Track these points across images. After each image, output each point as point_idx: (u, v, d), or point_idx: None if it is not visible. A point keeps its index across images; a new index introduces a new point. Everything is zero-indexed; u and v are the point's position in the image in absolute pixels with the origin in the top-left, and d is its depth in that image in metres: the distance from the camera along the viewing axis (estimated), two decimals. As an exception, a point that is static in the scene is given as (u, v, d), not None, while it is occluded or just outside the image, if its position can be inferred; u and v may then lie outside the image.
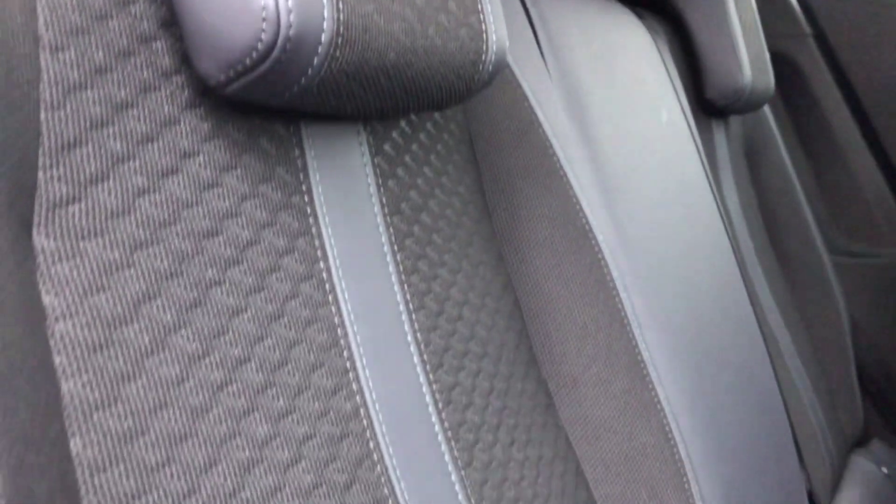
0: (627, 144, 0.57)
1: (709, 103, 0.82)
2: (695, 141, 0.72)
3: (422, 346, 0.36)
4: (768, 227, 0.98)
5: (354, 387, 0.32)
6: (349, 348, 0.32)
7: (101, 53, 0.26)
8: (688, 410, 0.49)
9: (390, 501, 0.32)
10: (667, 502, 0.45)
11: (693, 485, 0.46)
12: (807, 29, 1.17)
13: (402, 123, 0.39)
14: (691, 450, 0.47)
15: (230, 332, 0.28)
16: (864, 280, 1.17)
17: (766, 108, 1.01)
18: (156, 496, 0.24)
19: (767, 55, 0.88)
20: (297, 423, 0.29)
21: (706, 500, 0.47)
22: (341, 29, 0.27)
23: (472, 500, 0.35)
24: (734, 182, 0.89)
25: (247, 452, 0.27)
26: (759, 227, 0.96)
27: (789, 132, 1.15)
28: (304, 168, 0.33)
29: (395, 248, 0.36)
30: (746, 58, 0.79)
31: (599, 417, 0.45)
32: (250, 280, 0.29)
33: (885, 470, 1.02)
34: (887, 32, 1.16)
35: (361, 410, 0.32)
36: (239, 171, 0.30)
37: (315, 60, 0.27)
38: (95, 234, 0.25)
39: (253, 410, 0.28)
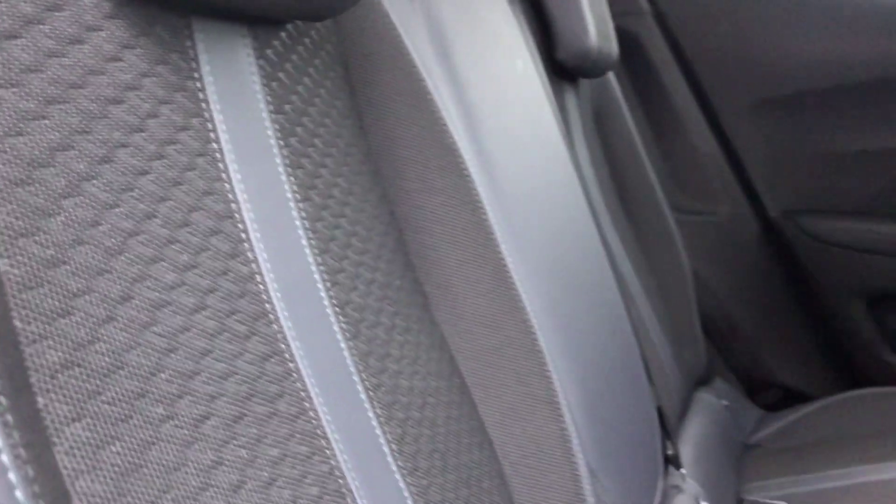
0: (491, 86, 0.62)
1: (559, 66, 0.90)
2: (549, 96, 0.79)
3: (309, 232, 0.40)
4: (617, 186, 1.07)
5: (249, 255, 0.35)
6: (243, 220, 0.36)
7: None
8: (548, 311, 0.55)
9: (287, 355, 0.35)
10: (532, 386, 0.51)
11: (553, 374, 0.52)
12: (646, 7, 1.29)
13: (283, 34, 0.42)
14: (551, 344, 0.53)
15: (136, 190, 0.31)
16: (703, 235, 1.30)
17: (612, 78, 1.10)
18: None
19: (611, 25, 0.97)
20: (195, 284, 0.32)
21: (565, 388, 0.53)
22: None
23: (359, 367, 0.39)
24: (585, 142, 0.97)
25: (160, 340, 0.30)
26: (609, 185, 1.04)
27: (633, 102, 1.26)
28: (196, 58, 0.36)
29: (282, 142, 0.40)
30: (592, 23, 0.87)
31: (470, 314, 0.50)
32: (152, 147, 0.32)
33: (725, 402, 1.14)
34: (721, 11, 1.30)
35: (257, 276, 0.35)
36: (138, 50, 0.32)
37: None
38: (11, 85, 0.27)
39: (145, 278, 0.30)
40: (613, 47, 0.97)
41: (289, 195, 0.39)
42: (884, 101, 1.25)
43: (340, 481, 0.35)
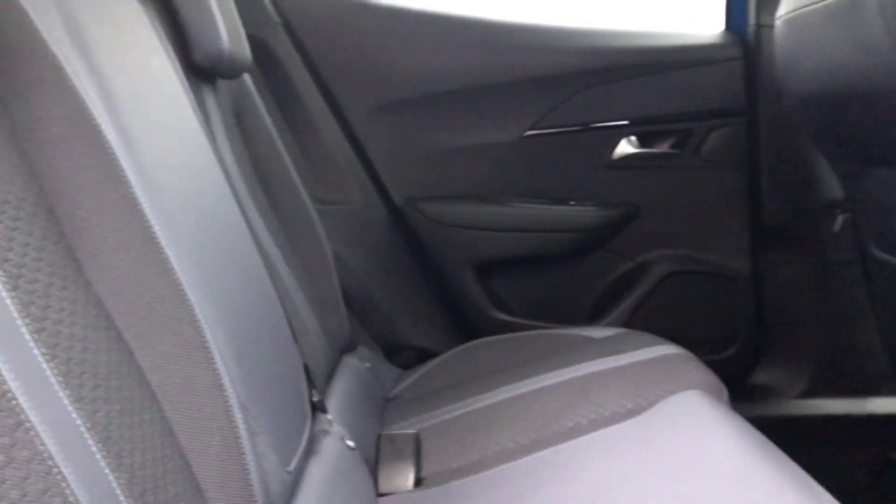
0: (130, 78, 0.68)
1: (197, 67, 0.97)
2: (187, 92, 0.87)
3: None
4: (260, 179, 1.17)
5: None
6: None
7: None
8: (197, 273, 0.63)
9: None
10: (184, 335, 0.59)
11: (203, 323, 0.61)
12: (276, 18, 1.41)
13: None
14: (201, 299, 0.61)
15: None
16: (341, 221, 1.46)
17: (250, 81, 1.20)
18: None
19: (242, 31, 1.07)
20: None
21: (216, 336, 0.62)
22: None
23: (22, 314, 0.45)
24: (227, 138, 1.05)
25: None
26: (253, 179, 1.14)
27: (271, 103, 1.38)
28: None
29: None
30: (224, 28, 0.96)
31: (122, 275, 0.57)
32: None
33: (367, 364, 1.30)
34: (345, 24, 1.46)
35: None
36: None
37: None
38: None
39: None
40: (246, 51, 1.07)
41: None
42: (482, 104, 1.51)
43: (13, 402, 0.41)
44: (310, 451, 0.84)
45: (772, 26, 1.32)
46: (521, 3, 1.58)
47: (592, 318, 1.55)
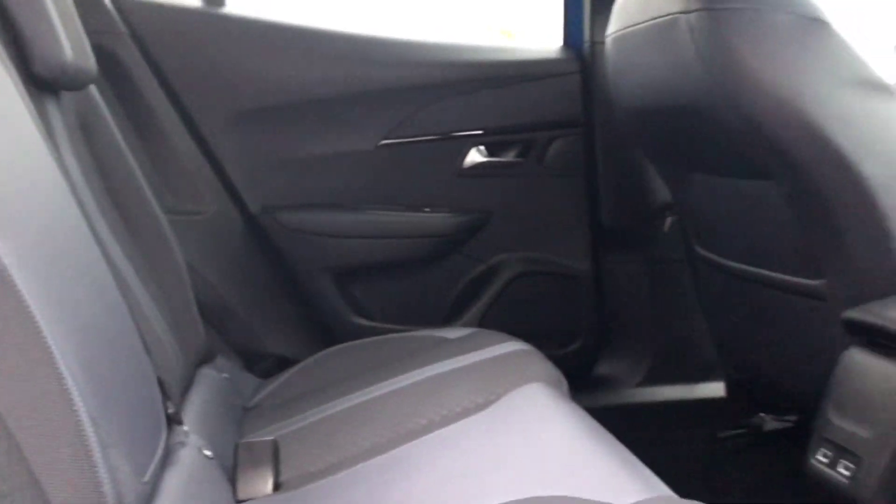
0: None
1: (38, 78, 0.95)
2: (28, 106, 0.85)
3: None
4: (109, 192, 1.15)
5: None
6: None
7: None
8: (42, 291, 0.63)
9: None
10: (30, 353, 0.60)
11: (50, 340, 0.61)
12: (122, 27, 1.39)
13: None
14: (47, 316, 0.62)
15: None
16: (195, 232, 1.45)
17: (96, 92, 1.18)
18: None
19: (87, 42, 1.05)
20: None
21: (63, 352, 0.62)
22: None
23: None
24: (73, 150, 1.03)
25: None
26: (102, 192, 1.12)
27: (119, 113, 1.36)
28: None
29: None
30: (66, 39, 0.95)
31: (-38, 297, 0.57)
32: None
33: (225, 375, 1.30)
34: (194, 34, 1.46)
35: None
36: None
37: None
38: None
39: None
40: (90, 62, 1.06)
41: None
42: (338, 114, 1.54)
43: None
44: (166, 462, 0.85)
45: (604, 43, 1.43)
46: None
47: (448, 319, 1.61)
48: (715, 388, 1.65)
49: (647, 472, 0.82)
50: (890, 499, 0.92)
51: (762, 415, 1.61)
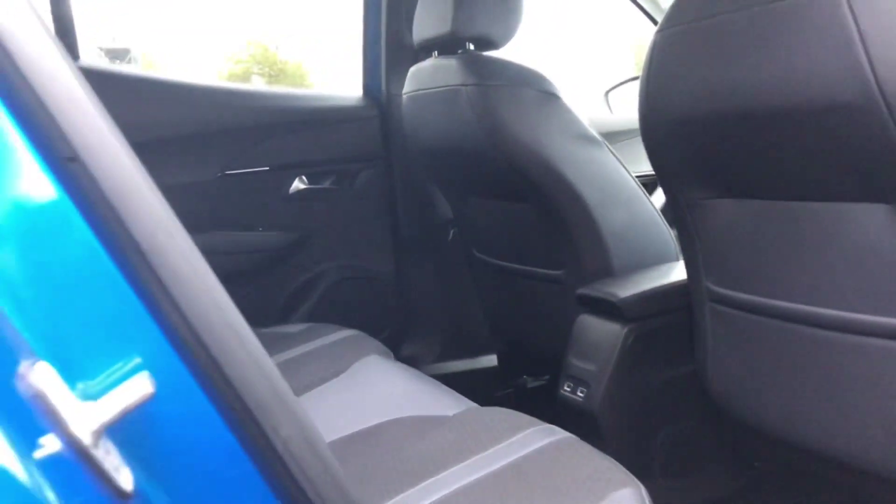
0: None
1: None
2: None
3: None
4: None
5: None
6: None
7: None
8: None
9: None
10: None
11: None
12: None
13: None
14: None
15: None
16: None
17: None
18: None
19: None
20: None
21: None
22: None
23: None
24: None
25: None
26: None
27: None
28: None
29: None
30: None
31: None
32: None
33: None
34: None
35: None
36: None
37: None
38: None
39: None
40: None
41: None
42: (185, 150, 1.82)
43: None
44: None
45: (400, 95, 1.86)
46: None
47: (282, 319, 1.95)
48: (490, 360, 2.13)
49: (460, 396, 1.25)
50: (608, 407, 1.43)
51: (525, 377, 2.13)
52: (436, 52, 1.69)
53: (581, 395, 1.46)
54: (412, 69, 1.76)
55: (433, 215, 2.05)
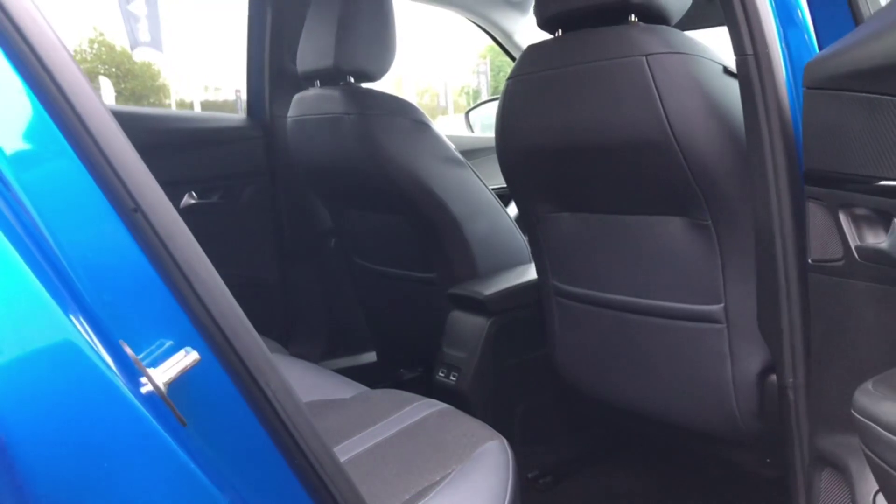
0: None
1: None
2: None
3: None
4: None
5: None
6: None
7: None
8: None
9: None
10: None
11: None
12: None
13: None
14: None
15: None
16: None
17: None
18: None
19: None
20: None
21: None
22: None
23: None
24: None
25: None
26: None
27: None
28: None
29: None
30: None
31: None
32: None
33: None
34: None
35: None
36: None
37: None
38: None
39: None
40: None
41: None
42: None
43: None
44: None
45: (283, 117, 2.05)
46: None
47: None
48: (370, 356, 2.34)
49: (354, 382, 1.48)
50: (476, 387, 1.69)
51: (402, 370, 2.36)
52: (318, 82, 1.90)
53: (453, 378, 1.71)
54: (297, 96, 1.96)
55: (315, 226, 2.25)
